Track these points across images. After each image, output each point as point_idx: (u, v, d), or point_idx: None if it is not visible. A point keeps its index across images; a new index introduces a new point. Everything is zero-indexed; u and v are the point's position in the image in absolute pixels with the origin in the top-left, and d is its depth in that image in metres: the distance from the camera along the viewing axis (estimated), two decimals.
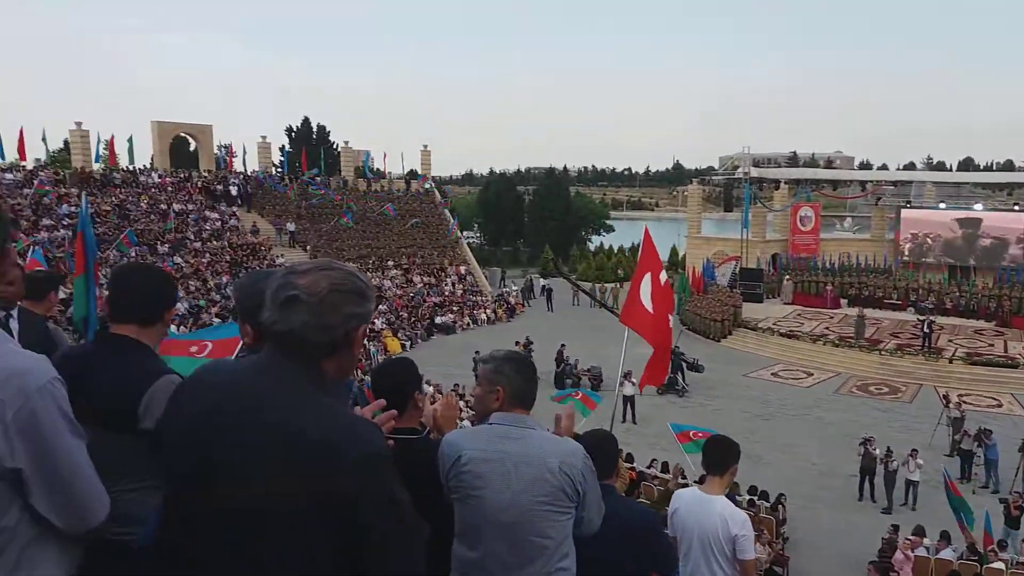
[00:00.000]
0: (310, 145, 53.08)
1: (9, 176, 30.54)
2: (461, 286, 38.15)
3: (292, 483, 1.57)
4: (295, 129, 61.59)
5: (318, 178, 43.58)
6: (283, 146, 56.02)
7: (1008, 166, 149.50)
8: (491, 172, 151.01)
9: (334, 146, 56.80)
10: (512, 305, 38.00)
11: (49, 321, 4.15)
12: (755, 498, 14.50)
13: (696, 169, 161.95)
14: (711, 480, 3.99)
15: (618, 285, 42.24)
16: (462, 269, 40.22)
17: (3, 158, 32.62)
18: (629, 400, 21.59)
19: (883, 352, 27.79)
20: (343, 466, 1.58)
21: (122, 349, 2.36)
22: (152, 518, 2.10)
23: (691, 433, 15.06)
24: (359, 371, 19.76)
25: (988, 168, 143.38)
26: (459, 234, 45.29)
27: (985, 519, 12.81)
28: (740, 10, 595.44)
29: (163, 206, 33.24)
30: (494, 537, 2.51)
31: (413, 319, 32.44)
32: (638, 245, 55.46)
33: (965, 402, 22.10)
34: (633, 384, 21.94)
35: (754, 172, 40.85)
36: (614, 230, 76.93)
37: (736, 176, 41.01)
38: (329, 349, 1.72)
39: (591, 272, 51.01)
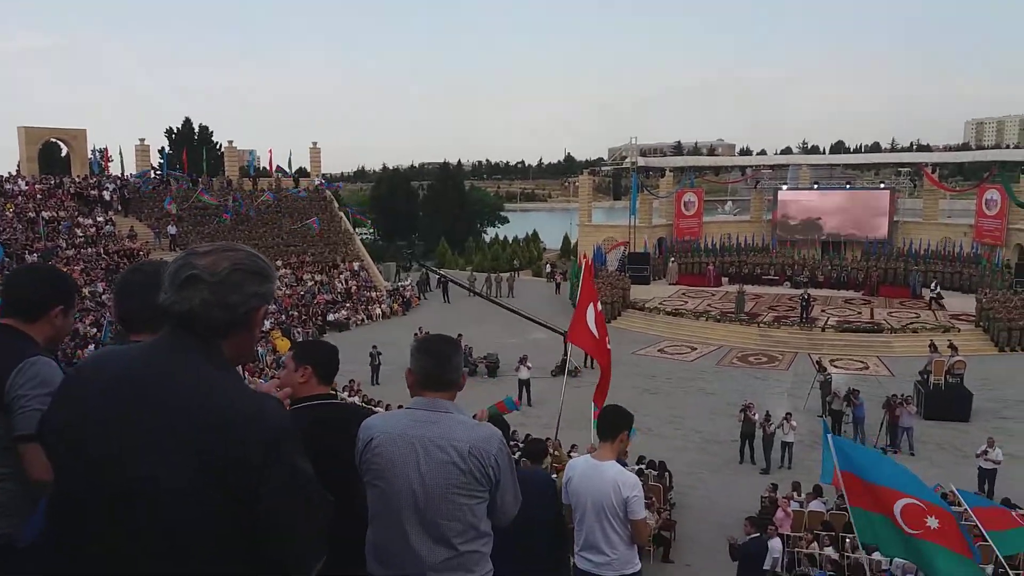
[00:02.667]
0: (192, 146, 51.03)
1: None
2: (354, 282, 37.62)
3: (195, 461, 1.54)
4: (176, 130, 59.05)
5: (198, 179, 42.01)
6: (163, 148, 53.69)
7: (875, 148, 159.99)
8: (384, 168, 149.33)
9: (217, 146, 54.89)
10: (407, 299, 37.76)
11: None
12: (643, 467, 15.03)
13: (586, 160, 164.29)
14: (603, 446, 4.08)
15: (514, 274, 42.72)
16: (355, 265, 39.65)
17: None
18: (525, 384, 22.05)
19: (762, 325, 29.29)
20: (247, 442, 1.57)
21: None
22: (34, 513, 2.02)
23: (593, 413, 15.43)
24: (246, 372, 19.27)
25: (857, 150, 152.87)
26: (352, 229, 44.60)
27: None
28: (623, 9, 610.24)
29: (31, 214, 31.28)
30: (404, 521, 2.48)
31: (304, 317, 31.76)
32: (532, 235, 56.02)
33: (836, 366, 23.64)
34: (529, 368, 22.37)
35: (641, 162, 42.12)
36: (509, 221, 77.71)
37: (624, 166, 42.15)
38: (229, 328, 1.71)
39: (487, 263, 51.34)
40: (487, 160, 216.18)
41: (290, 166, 46.70)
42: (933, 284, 32.42)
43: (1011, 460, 16.74)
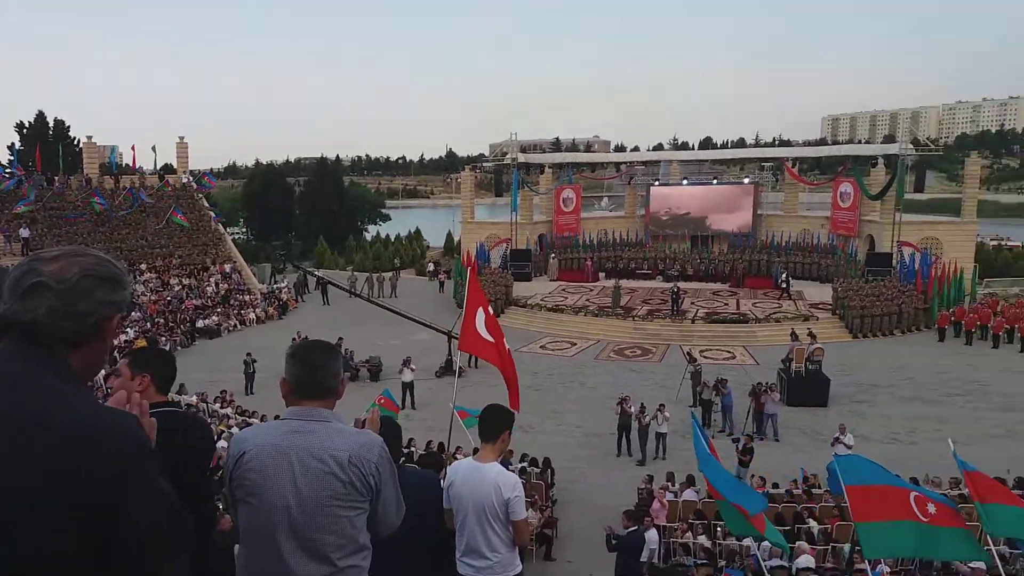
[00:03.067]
0: (46, 142, 47.41)
1: None
2: (226, 285, 36.09)
3: (41, 481, 1.40)
4: (28, 125, 54.73)
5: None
6: (12, 144, 49.66)
7: (740, 143, 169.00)
8: (257, 164, 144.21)
9: (75, 142, 51.28)
10: (284, 302, 36.60)
11: None
12: (526, 465, 15.20)
13: (468, 157, 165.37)
14: (484, 448, 4.05)
15: (396, 274, 42.20)
16: (227, 267, 38.03)
17: None
18: (408, 386, 21.80)
19: (636, 318, 30.27)
20: (101, 460, 1.45)
21: None
22: None
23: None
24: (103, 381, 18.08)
25: (724, 146, 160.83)
26: (223, 228, 42.76)
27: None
28: (501, 12, 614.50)
29: None
30: (278, 538, 2.35)
31: (171, 325, 30.17)
32: (415, 233, 55.43)
33: (705, 356, 24.73)
34: (412, 371, 22.13)
35: (521, 158, 42.50)
36: (391, 219, 76.60)
37: (505, 162, 42.41)
38: (77, 338, 1.58)
39: (368, 262, 50.47)
40: (367, 155, 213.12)
41: (155, 163, 44.29)
42: (783, 275, 34.24)
43: (865, 442, 18.06)
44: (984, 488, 7.06)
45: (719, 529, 11.96)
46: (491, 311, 13.04)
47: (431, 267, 46.64)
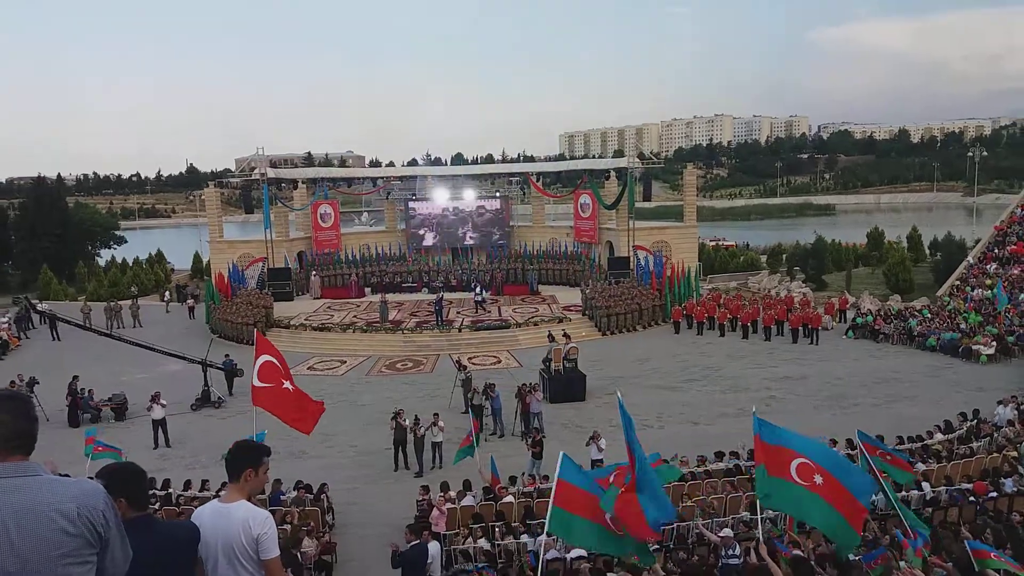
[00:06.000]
0: None
1: None
2: None
3: None
4: None
5: None
6: None
7: (489, 159, 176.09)
8: None
9: None
10: (4, 340, 31.99)
11: None
12: (302, 491, 14.62)
13: (212, 172, 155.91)
14: (230, 488, 3.77)
15: (134, 302, 38.60)
16: None
17: None
18: (160, 424, 20.00)
19: (405, 331, 30.42)
20: None
21: None
22: None
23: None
24: None
25: (475, 161, 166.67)
26: None
27: (491, 462, 14.83)
28: (238, 21, 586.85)
29: None
30: None
31: None
32: (157, 256, 51.20)
33: (473, 363, 25.46)
34: (163, 406, 20.35)
35: (271, 173, 40.83)
36: (127, 241, 70.00)
37: (254, 177, 40.54)
38: None
39: (103, 290, 45.66)
40: (95, 173, 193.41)
41: None
42: (477, 287, 34.79)
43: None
44: (771, 459, 7.95)
45: (496, 530, 12.37)
46: (270, 358, 13.26)
47: (167, 294, 43.18)
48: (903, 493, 12.76)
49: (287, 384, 13.21)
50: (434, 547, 11.21)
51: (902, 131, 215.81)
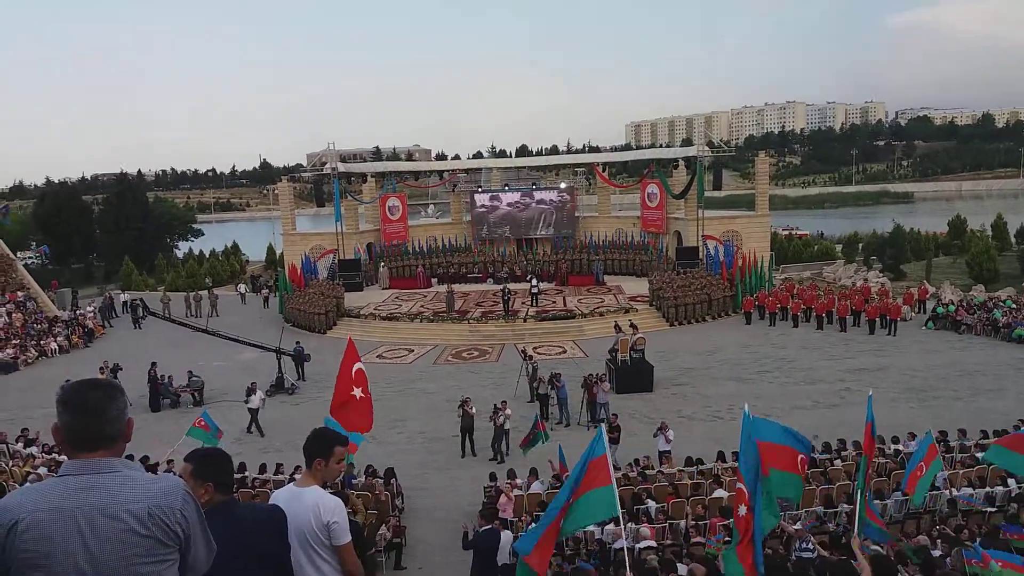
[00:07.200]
0: None
1: None
2: (20, 315, 32.52)
3: None
4: None
5: None
6: None
7: (554, 150, 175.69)
8: (48, 182, 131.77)
9: None
10: (90, 328, 33.54)
11: None
12: (370, 476, 14.91)
13: (285, 167, 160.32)
14: (303, 473, 3.89)
15: (211, 291, 39.89)
16: (20, 295, 34.30)
17: None
18: (254, 413, 20.24)
19: (471, 321, 30.62)
20: None
21: None
22: None
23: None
24: None
25: (539, 153, 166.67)
26: (12, 254, 38.52)
27: (559, 452, 14.82)
28: (310, 15, 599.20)
29: None
30: None
31: None
32: (232, 248, 52.85)
33: (538, 353, 25.45)
34: (264, 397, 20.81)
35: (341, 168, 41.61)
36: (204, 234, 72.50)
37: (325, 172, 41.36)
38: None
39: (181, 280, 47.42)
40: (172, 169, 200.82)
41: None
42: (532, 279, 34.14)
43: (690, 422, 19.40)
44: (775, 459, 7.88)
45: None
46: (359, 367, 13.41)
47: (240, 287, 44.26)
48: (988, 489, 12.23)
49: (358, 392, 13.20)
50: (506, 535, 11.26)
51: (985, 116, 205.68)
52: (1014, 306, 29.00)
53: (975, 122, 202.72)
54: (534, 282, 33.68)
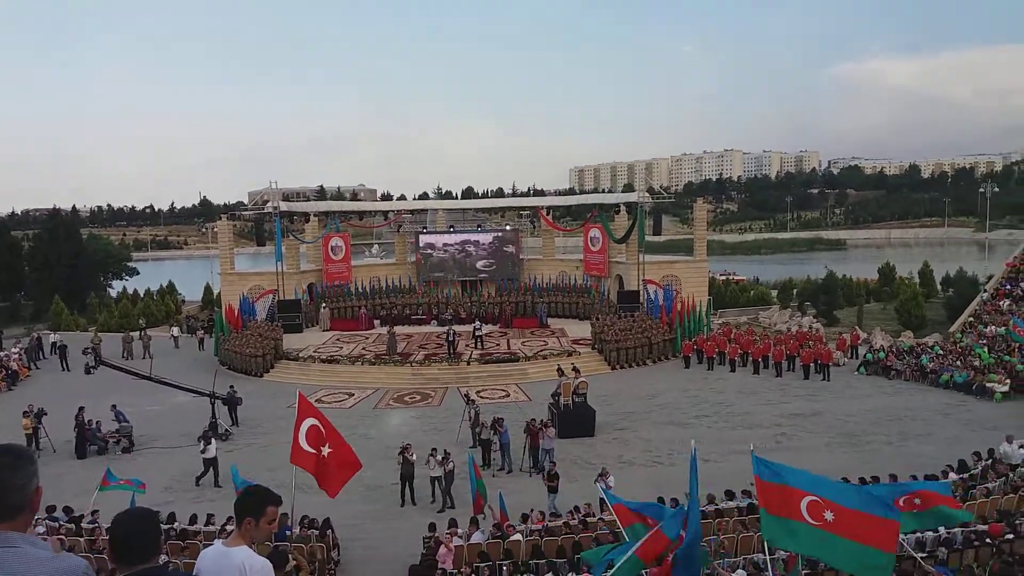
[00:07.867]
0: None
1: None
2: None
3: None
4: None
5: None
6: None
7: (499, 193, 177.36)
8: None
9: None
10: (14, 370, 32.10)
11: None
12: (305, 528, 14.47)
13: (225, 204, 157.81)
14: (233, 532, 3.78)
15: (143, 332, 38.61)
16: None
17: None
18: (212, 462, 19.26)
19: (414, 364, 30.33)
20: None
21: None
22: None
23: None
24: None
25: (485, 195, 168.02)
26: None
27: (499, 499, 14.65)
28: (260, 58, 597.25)
29: None
30: None
31: None
32: (168, 287, 51.14)
33: (481, 396, 25.30)
34: (220, 440, 20.07)
35: (283, 206, 41.16)
36: (139, 273, 70.46)
37: (266, 211, 40.86)
38: None
39: (113, 321, 45.88)
40: (109, 205, 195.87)
41: None
42: (476, 323, 34.63)
43: (630, 467, 19.45)
44: (772, 499, 7.72)
45: (504, 569, 12.18)
46: (316, 422, 13.25)
47: (173, 330, 42.67)
48: (917, 534, 12.51)
49: (326, 450, 13.07)
50: None
51: (912, 166, 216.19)
52: (941, 352, 30.10)
53: (903, 172, 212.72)
54: (478, 324, 33.66)
